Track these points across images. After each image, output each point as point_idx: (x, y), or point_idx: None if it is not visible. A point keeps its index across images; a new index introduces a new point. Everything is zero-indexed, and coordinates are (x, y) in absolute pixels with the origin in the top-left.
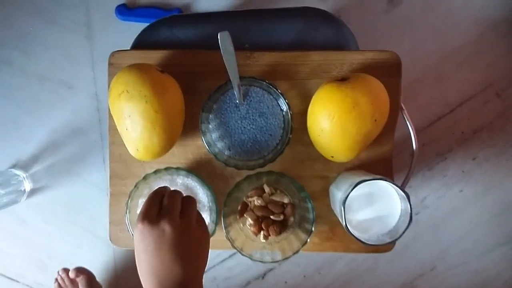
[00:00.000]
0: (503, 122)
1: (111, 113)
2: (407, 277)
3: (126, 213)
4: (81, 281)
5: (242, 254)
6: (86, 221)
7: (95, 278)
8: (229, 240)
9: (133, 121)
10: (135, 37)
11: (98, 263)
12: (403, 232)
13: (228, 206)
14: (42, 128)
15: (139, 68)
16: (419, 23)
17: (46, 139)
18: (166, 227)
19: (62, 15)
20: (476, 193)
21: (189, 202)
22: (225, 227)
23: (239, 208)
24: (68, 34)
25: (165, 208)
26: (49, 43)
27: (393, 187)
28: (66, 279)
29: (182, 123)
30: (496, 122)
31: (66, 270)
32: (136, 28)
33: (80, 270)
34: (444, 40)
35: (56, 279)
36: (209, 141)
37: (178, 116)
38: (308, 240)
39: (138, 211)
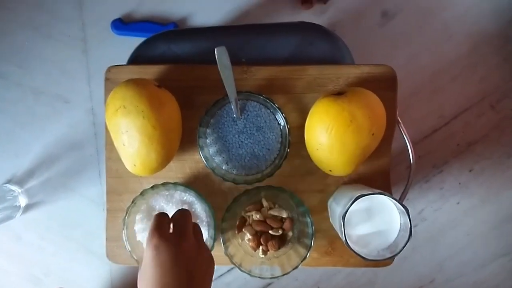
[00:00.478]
0: (498, 133)
1: (108, 128)
2: None
3: (123, 229)
4: None
5: (241, 270)
6: (82, 236)
7: None
8: (227, 256)
9: (130, 137)
10: (131, 51)
11: (95, 279)
12: (403, 247)
13: (227, 221)
14: (37, 143)
15: (136, 83)
16: (413, 37)
17: (42, 153)
18: (184, 244)
19: (58, 29)
20: (473, 205)
21: (197, 228)
22: (224, 243)
23: (237, 223)
24: (64, 48)
25: (180, 227)
26: (45, 57)
27: (392, 201)
28: None
29: (179, 138)
30: (491, 134)
31: None
32: (131, 42)
33: None
34: (439, 53)
35: None
36: (206, 155)
37: (175, 131)
38: (308, 255)
39: (136, 227)
